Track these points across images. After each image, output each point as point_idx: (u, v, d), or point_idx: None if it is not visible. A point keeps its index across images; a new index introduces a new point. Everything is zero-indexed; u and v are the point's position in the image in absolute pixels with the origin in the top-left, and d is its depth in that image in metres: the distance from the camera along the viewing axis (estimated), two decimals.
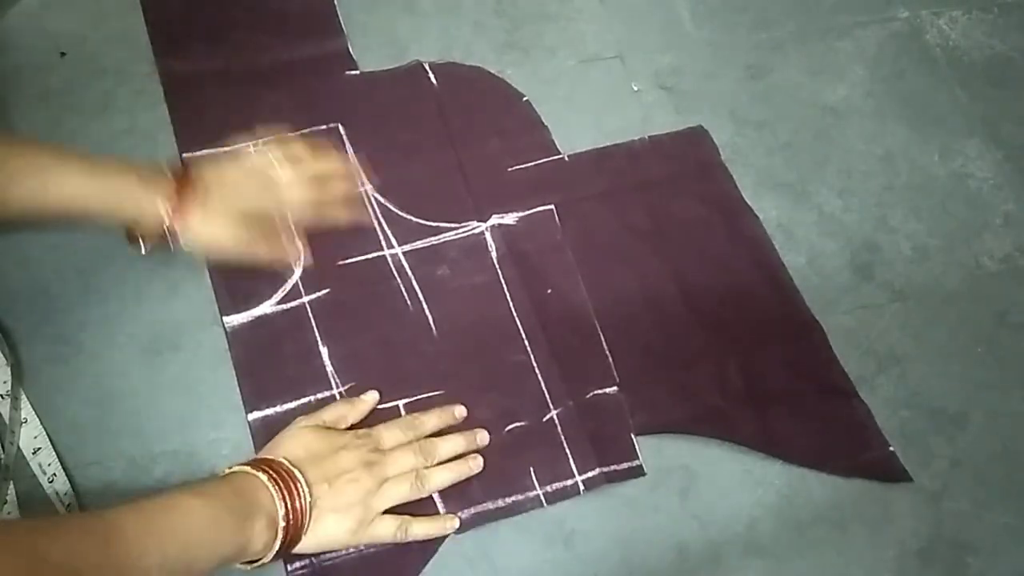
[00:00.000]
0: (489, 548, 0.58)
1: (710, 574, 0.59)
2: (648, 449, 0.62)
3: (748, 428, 0.63)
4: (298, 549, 0.53)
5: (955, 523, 0.63)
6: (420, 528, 0.57)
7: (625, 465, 0.61)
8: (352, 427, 0.59)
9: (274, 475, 0.52)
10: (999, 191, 0.77)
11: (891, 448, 0.64)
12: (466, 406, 0.62)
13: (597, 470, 0.61)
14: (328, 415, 0.58)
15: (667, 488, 0.62)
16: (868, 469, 0.63)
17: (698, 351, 0.66)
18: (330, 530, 0.54)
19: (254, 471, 0.52)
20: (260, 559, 0.51)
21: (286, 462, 0.53)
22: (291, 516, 0.51)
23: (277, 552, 0.51)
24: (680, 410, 0.64)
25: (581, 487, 0.60)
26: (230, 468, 0.53)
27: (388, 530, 0.56)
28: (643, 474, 0.61)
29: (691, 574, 0.59)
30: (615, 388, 0.64)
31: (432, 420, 0.60)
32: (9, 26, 0.70)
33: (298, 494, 0.52)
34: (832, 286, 0.71)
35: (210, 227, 0.59)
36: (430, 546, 0.58)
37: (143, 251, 0.59)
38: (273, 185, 0.62)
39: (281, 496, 0.51)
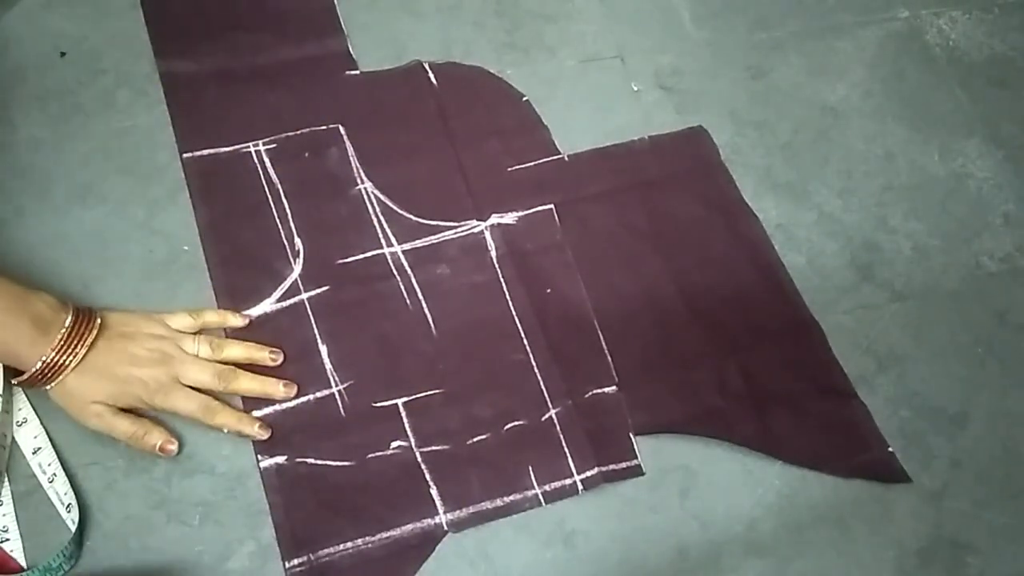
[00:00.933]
0: (489, 548, 0.58)
1: (710, 574, 0.59)
2: (647, 449, 0.62)
3: (747, 428, 0.63)
4: (58, 391, 0.55)
5: (955, 523, 0.63)
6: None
7: (624, 465, 0.61)
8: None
9: (76, 308, 0.56)
10: (999, 191, 0.77)
11: (890, 448, 0.64)
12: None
13: (596, 469, 0.61)
14: (175, 321, 0.60)
15: (667, 488, 0.61)
16: (867, 469, 0.63)
17: (697, 351, 0.66)
18: (94, 382, 0.55)
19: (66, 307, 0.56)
20: (26, 368, 0.54)
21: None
22: (73, 332, 0.54)
23: (43, 367, 0.54)
24: (679, 410, 0.64)
25: (580, 486, 0.60)
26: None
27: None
28: (642, 474, 0.61)
29: (691, 574, 0.59)
30: (614, 387, 0.64)
31: (238, 349, 0.60)
32: (9, 26, 0.71)
33: (88, 322, 0.56)
34: (832, 286, 0.71)
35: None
36: (427, 545, 0.58)
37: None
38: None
39: (73, 313, 0.55)
